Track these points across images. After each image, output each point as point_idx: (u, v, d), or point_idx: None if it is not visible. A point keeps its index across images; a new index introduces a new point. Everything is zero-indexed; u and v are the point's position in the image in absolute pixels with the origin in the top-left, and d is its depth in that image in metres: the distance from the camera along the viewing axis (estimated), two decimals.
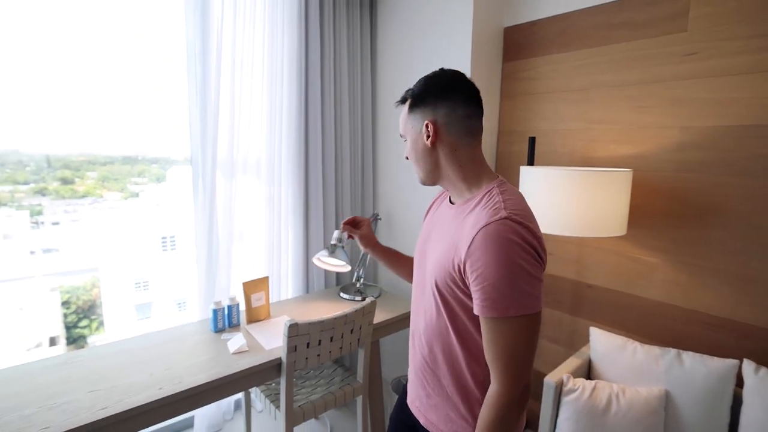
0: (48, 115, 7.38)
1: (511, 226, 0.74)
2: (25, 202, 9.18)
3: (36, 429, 1.08)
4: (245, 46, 1.86)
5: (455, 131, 0.86)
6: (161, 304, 9.08)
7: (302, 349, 1.48)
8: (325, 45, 2.07)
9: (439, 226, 0.92)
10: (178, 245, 9.20)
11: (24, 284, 8.39)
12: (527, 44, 1.94)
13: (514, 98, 2.01)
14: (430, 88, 0.88)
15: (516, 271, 0.73)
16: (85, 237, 8.93)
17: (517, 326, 0.75)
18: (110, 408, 1.18)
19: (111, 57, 3.30)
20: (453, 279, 0.81)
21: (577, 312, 1.86)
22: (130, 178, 10.14)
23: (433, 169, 0.90)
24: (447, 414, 0.90)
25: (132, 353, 1.49)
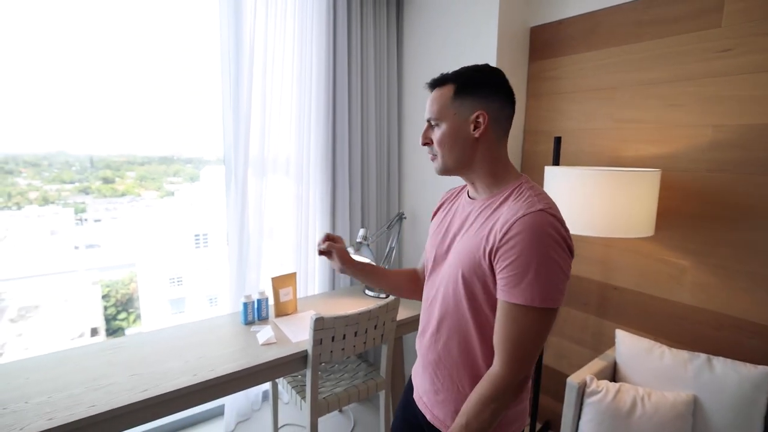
0: (91, 118, 7.75)
1: (548, 219, 0.75)
2: (70, 200, 9.74)
3: (84, 407, 1.18)
4: (276, 48, 1.93)
5: (499, 128, 0.87)
6: (194, 300, 9.44)
7: (327, 343, 1.53)
8: (352, 45, 2.12)
9: (462, 222, 0.92)
10: (210, 243, 9.53)
11: (68, 277, 8.91)
12: (554, 43, 1.92)
13: (540, 98, 2.00)
14: (485, 80, 0.86)
15: (549, 263, 0.74)
16: (124, 234, 9.39)
17: (536, 317, 0.75)
18: (150, 390, 1.26)
19: (149, 62, 3.49)
20: (481, 268, 0.81)
21: (603, 314, 1.84)
22: (166, 178, 10.58)
23: (467, 160, 0.88)
24: (455, 409, 0.89)
25: (168, 342, 1.58)
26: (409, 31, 2.32)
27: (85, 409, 1.17)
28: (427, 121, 0.91)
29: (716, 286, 1.50)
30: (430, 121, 0.90)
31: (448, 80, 0.88)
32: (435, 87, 0.90)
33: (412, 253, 2.44)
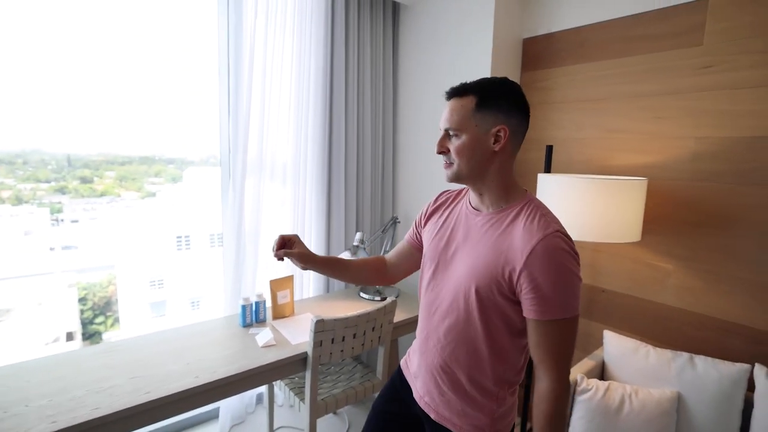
0: (69, 116, 7.57)
1: (564, 239, 0.82)
2: (45, 200, 9.43)
3: (87, 409, 1.17)
4: (275, 54, 1.95)
5: (516, 143, 0.90)
6: (175, 303, 9.26)
7: (327, 344, 1.55)
8: (349, 52, 2.16)
9: (466, 232, 0.94)
10: (193, 245, 9.37)
11: (43, 280, 8.62)
12: (545, 55, 2.00)
13: (532, 107, 2.05)
14: (507, 94, 0.87)
15: (571, 278, 0.82)
16: (102, 235, 9.15)
17: (567, 326, 0.83)
18: (152, 393, 1.26)
19: (132, 59, 3.43)
20: (499, 286, 0.85)
21: (591, 315, 1.91)
22: (147, 178, 10.37)
23: (482, 171, 0.89)
24: (462, 409, 0.95)
25: (166, 344, 1.58)
26: (405, 39, 2.38)
27: (89, 411, 1.17)
28: (445, 130, 0.92)
29: (699, 289, 1.59)
30: (449, 130, 0.91)
31: (470, 91, 0.88)
32: (455, 96, 0.91)
33: None
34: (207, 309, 2.29)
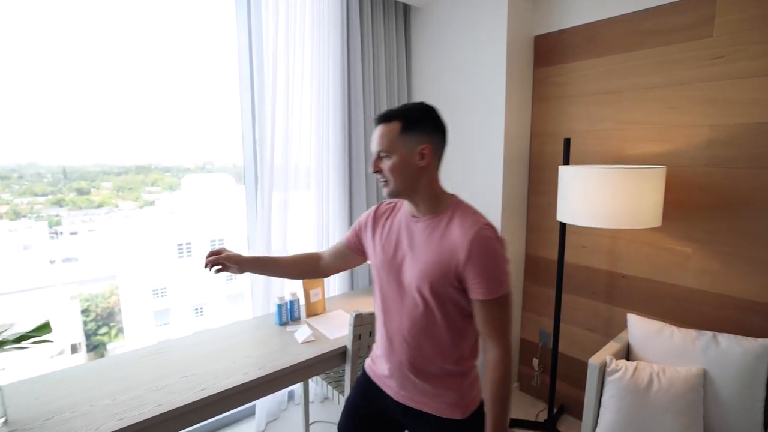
0: (63, 128, 7.51)
1: (491, 230, 0.98)
2: (43, 213, 9.36)
3: (151, 406, 1.22)
4: (296, 61, 2.00)
5: (438, 158, 1.04)
6: (179, 310, 9.24)
7: (365, 338, 1.61)
8: (365, 56, 2.21)
9: (410, 239, 1.06)
10: (194, 252, 9.35)
11: (45, 293, 8.56)
12: (557, 51, 2.07)
13: (546, 102, 2.14)
14: (426, 117, 1.01)
15: (502, 261, 0.97)
16: (102, 246, 9.10)
17: (506, 301, 0.99)
18: (208, 389, 1.31)
19: (127, 70, 3.46)
20: (449, 279, 0.98)
21: (612, 301, 1.98)
22: (144, 187, 10.32)
23: (413, 185, 1.02)
24: (435, 391, 1.06)
25: (208, 345, 1.62)
26: (417, 41, 2.44)
27: (152, 408, 1.21)
28: (377, 152, 1.02)
29: (719, 270, 1.67)
30: (380, 152, 1.01)
31: (395, 117, 1.00)
32: (383, 122, 1.01)
33: None
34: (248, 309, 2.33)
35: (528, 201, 2.28)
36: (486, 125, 2.13)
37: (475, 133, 2.20)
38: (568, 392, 2.19)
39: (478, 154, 2.20)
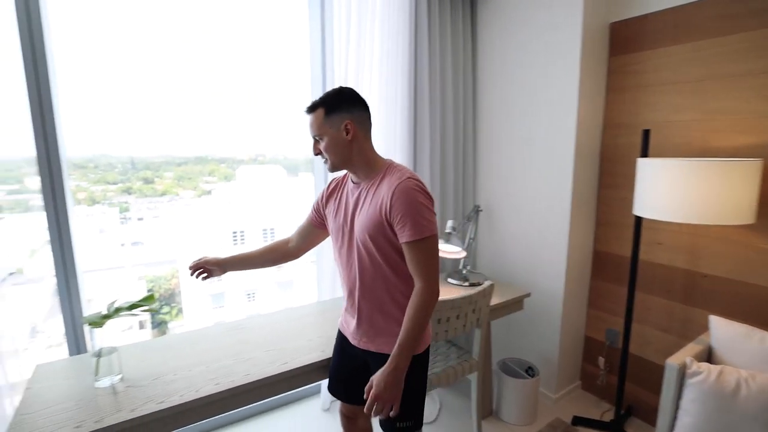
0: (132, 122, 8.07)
1: (413, 182, 1.12)
2: (115, 200, 10.18)
3: (240, 375, 1.32)
4: (364, 59, 2.04)
5: (364, 129, 1.19)
6: (233, 295, 9.75)
7: (434, 325, 1.63)
8: (432, 46, 2.22)
9: (355, 202, 1.22)
10: (247, 239, 9.80)
11: (116, 273, 9.32)
12: (636, 38, 1.97)
13: (622, 92, 2.05)
14: (343, 98, 1.16)
15: (422, 208, 1.10)
16: (165, 231, 9.75)
17: (429, 244, 1.11)
18: (289, 363, 1.40)
19: (188, 65, 3.66)
20: (383, 227, 1.13)
21: (690, 301, 1.88)
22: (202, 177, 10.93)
23: (347, 157, 1.18)
24: (391, 328, 1.21)
25: (285, 323, 1.72)
26: (483, 29, 2.41)
27: (241, 377, 1.31)
28: (314, 137, 1.20)
29: None
30: (315, 137, 1.19)
31: (318, 105, 1.16)
32: (310, 112, 1.18)
33: (489, 244, 2.52)
34: (262, 300, 2.48)
35: (598, 195, 2.20)
36: (556, 117, 2.08)
37: (544, 126, 2.15)
38: (636, 394, 2.11)
39: (546, 147, 2.15)
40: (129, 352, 1.46)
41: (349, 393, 1.40)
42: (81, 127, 1.68)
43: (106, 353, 1.27)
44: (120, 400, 1.19)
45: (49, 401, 1.19)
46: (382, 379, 1.09)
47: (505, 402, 2.13)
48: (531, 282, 2.30)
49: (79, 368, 1.37)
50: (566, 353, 2.26)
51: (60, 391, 1.24)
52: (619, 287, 2.14)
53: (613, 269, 2.17)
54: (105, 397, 1.21)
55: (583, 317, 2.31)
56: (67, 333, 1.67)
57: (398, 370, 1.10)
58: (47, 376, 1.33)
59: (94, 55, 3.00)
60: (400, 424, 1.24)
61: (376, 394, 1.08)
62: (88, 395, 1.22)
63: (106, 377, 1.27)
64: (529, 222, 2.28)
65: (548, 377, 2.27)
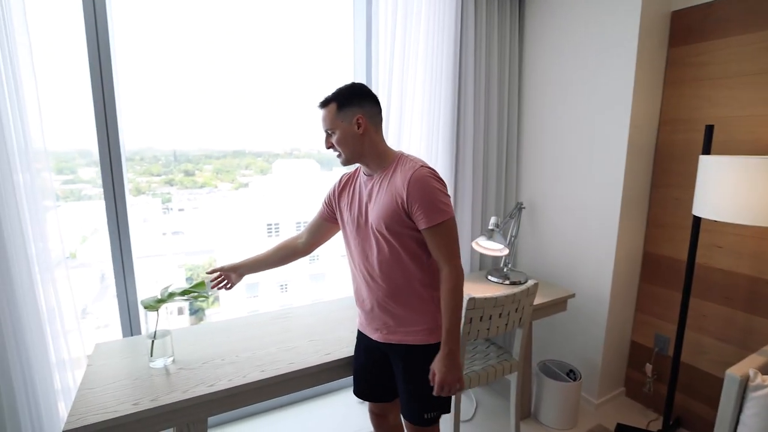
0: (175, 117, 8.39)
1: (426, 170, 1.15)
2: (158, 191, 10.68)
3: (284, 363, 1.34)
4: (410, 49, 2.01)
5: (374, 123, 1.20)
6: (267, 285, 10.02)
7: (476, 322, 1.61)
8: (478, 40, 2.17)
9: (369, 194, 1.23)
10: (281, 232, 10.03)
11: (158, 261, 9.77)
12: (700, 27, 1.85)
13: (681, 85, 1.93)
14: (354, 93, 1.18)
15: (437, 192, 1.13)
16: (203, 222, 10.13)
17: (448, 226, 1.14)
18: (332, 354, 1.41)
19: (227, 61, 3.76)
20: (400, 216, 1.14)
21: (754, 310, 1.76)
22: (239, 171, 11.27)
23: (359, 151, 1.20)
24: (411, 318, 1.23)
25: (327, 314, 1.74)
26: (532, 19, 2.33)
27: (286, 365, 1.33)
28: (326, 131, 1.21)
29: None
30: (328, 131, 1.21)
31: (330, 100, 1.19)
32: (323, 107, 1.20)
33: (530, 242, 2.46)
34: (294, 292, 2.56)
35: (650, 194, 2.09)
36: (608, 113, 1.99)
37: (594, 121, 2.06)
38: (686, 404, 2.00)
39: (596, 144, 2.06)
40: (179, 336, 1.51)
41: (374, 392, 1.41)
42: (132, 121, 1.76)
43: (161, 336, 1.33)
44: (173, 381, 1.24)
45: (109, 378, 1.26)
46: (441, 364, 1.15)
47: (545, 404, 2.07)
48: (574, 282, 2.22)
49: (134, 349, 1.44)
50: (610, 358, 2.17)
51: (118, 369, 1.31)
52: (671, 291, 2.03)
53: (664, 272, 2.06)
54: (159, 377, 1.26)
55: (629, 321, 2.21)
56: (121, 315, 1.76)
57: (453, 353, 1.15)
58: (106, 355, 1.40)
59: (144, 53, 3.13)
60: (427, 415, 1.26)
61: (441, 380, 1.14)
62: (143, 375, 1.28)
63: (160, 359, 1.32)
64: (574, 221, 2.20)
65: (590, 382, 2.19)
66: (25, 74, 1.35)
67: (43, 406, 1.46)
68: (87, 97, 1.62)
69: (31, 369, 1.42)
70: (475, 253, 2.35)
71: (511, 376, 1.85)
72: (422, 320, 1.23)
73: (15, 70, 1.32)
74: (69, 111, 1.83)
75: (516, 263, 2.53)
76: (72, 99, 1.75)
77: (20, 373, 1.40)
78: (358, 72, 2.11)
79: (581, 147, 2.13)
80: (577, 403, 2.04)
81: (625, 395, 2.28)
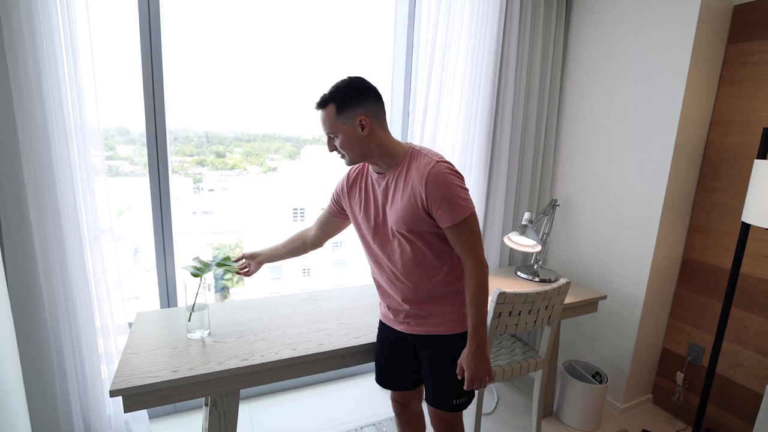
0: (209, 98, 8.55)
1: (443, 165, 1.10)
2: (190, 171, 10.99)
3: (314, 344, 1.37)
4: (451, 40, 1.98)
5: (379, 120, 1.13)
6: (290, 269, 10.22)
7: (505, 317, 1.59)
8: (522, 33, 2.11)
9: (384, 193, 1.19)
10: (306, 217, 10.18)
11: (188, 238, 10.10)
12: (764, 23, 1.74)
13: (738, 84, 1.83)
14: (354, 91, 1.09)
15: (457, 188, 1.08)
16: (232, 203, 10.38)
17: (468, 223, 1.10)
18: (360, 338, 1.43)
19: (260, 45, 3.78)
20: (420, 216, 1.11)
21: None
22: (269, 155, 11.45)
23: (366, 151, 1.14)
24: (437, 311, 1.22)
25: (356, 299, 1.76)
26: (578, 17, 2.25)
27: (316, 345, 1.37)
28: (327, 135, 1.15)
29: None
30: (329, 135, 1.14)
31: (329, 101, 1.10)
32: (320, 108, 1.12)
33: (562, 241, 2.41)
34: (316, 277, 2.63)
35: (695, 198, 2.01)
36: (655, 111, 1.91)
37: (639, 120, 1.98)
38: (717, 417, 1.94)
39: (640, 143, 1.98)
40: (215, 311, 1.57)
41: (398, 381, 1.40)
42: (171, 102, 1.81)
43: (198, 309, 1.38)
44: (208, 352, 1.29)
45: (150, 345, 1.32)
46: (470, 360, 1.14)
47: (568, 404, 2.05)
48: (606, 284, 2.17)
49: (173, 319, 1.50)
50: (639, 363, 2.12)
51: (158, 337, 1.37)
52: (709, 300, 1.96)
53: (704, 280, 1.98)
54: (196, 348, 1.32)
55: (662, 327, 2.15)
56: (159, 288, 1.84)
57: (480, 347, 1.14)
58: (147, 323, 1.47)
59: (187, 36, 3.20)
60: (456, 401, 1.26)
61: (471, 375, 1.14)
62: (181, 344, 1.33)
63: (197, 330, 1.38)
64: (610, 221, 2.14)
65: (616, 386, 2.15)
66: (83, 54, 1.41)
67: (89, 368, 1.55)
68: (135, 77, 1.67)
69: (79, 333, 1.51)
70: (505, 248, 2.33)
71: (535, 373, 1.84)
72: (449, 311, 1.23)
73: (75, 50, 1.38)
74: (116, 90, 1.90)
75: (546, 261, 2.48)
76: (120, 78, 1.81)
77: (68, 336, 1.50)
78: (398, 62, 2.10)
79: (624, 145, 2.06)
80: (602, 405, 2.01)
81: (652, 402, 2.23)
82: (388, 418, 2.00)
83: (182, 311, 1.56)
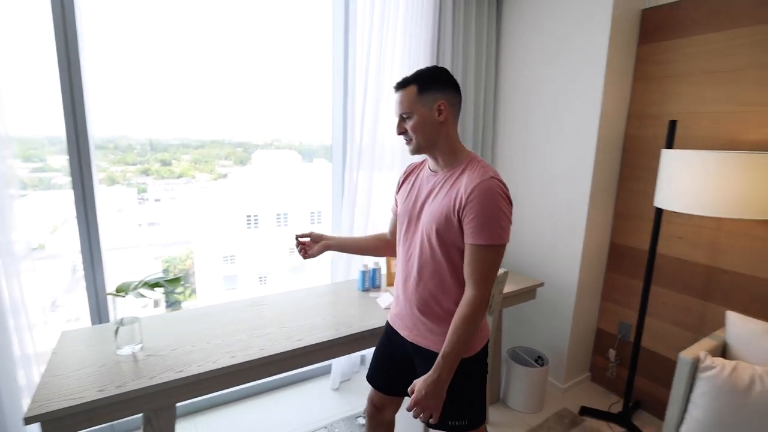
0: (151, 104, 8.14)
1: (497, 184, 1.03)
2: (133, 181, 10.38)
3: (255, 349, 1.35)
4: (387, 41, 2.02)
5: (454, 113, 1.12)
6: (246, 277, 9.90)
7: None
8: (456, 31, 2.18)
9: (429, 191, 1.15)
10: (260, 223, 9.91)
11: (133, 252, 9.52)
12: (667, 26, 1.92)
13: (649, 81, 2.00)
14: (437, 77, 1.09)
15: (499, 214, 1.02)
16: (181, 213, 9.91)
17: (494, 252, 1.03)
18: (304, 340, 1.42)
19: (205, 49, 3.67)
20: (451, 221, 1.06)
21: (708, 297, 1.86)
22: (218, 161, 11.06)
23: (435, 140, 1.11)
24: (442, 328, 1.13)
25: (301, 302, 1.74)
26: (507, 24, 2.36)
27: (257, 351, 1.34)
28: (400, 115, 1.12)
29: None
30: (402, 115, 1.11)
31: (410, 82, 1.09)
32: (400, 89, 1.11)
33: None
34: (274, 284, 2.52)
35: (618, 187, 2.17)
36: (579, 107, 2.04)
37: (564, 116, 2.11)
38: (645, 387, 2.10)
39: (566, 137, 2.11)
40: (149, 324, 1.50)
41: (389, 384, 1.35)
42: (102, 107, 1.70)
43: (128, 323, 1.31)
44: (140, 367, 1.24)
45: (74, 365, 1.24)
46: (423, 386, 1.04)
47: (513, 389, 2.14)
48: (543, 272, 2.29)
49: (102, 336, 1.42)
50: (577, 344, 2.26)
51: (84, 356, 1.29)
52: (635, 280, 2.12)
53: (629, 262, 2.15)
54: (126, 364, 1.25)
55: (595, 309, 2.30)
56: (90, 304, 1.73)
57: (440, 381, 1.03)
58: (72, 342, 1.38)
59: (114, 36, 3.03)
60: (453, 423, 1.15)
61: (416, 400, 1.04)
62: (110, 361, 1.26)
63: (127, 345, 1.31)
64: (544, 212, 2.26)
65: (557, 367, 2.27)
66: None
67: (6, 402, 1.43)
68: (55, 82, 1.56)
69: None
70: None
71: None
72: (446, 324, 1.13)
73: None
74: (37, 96, 1.76)
75: None
76: (40, 83, 1.68)
77: None
78: (336, 62, 2.10)
79: (553, 141, 2.18)
80: (543, 387, 2.12)
81: (590, 380, 2.38)
82: (340, 420, 2.00)
83: (111, 327, 1.48)
